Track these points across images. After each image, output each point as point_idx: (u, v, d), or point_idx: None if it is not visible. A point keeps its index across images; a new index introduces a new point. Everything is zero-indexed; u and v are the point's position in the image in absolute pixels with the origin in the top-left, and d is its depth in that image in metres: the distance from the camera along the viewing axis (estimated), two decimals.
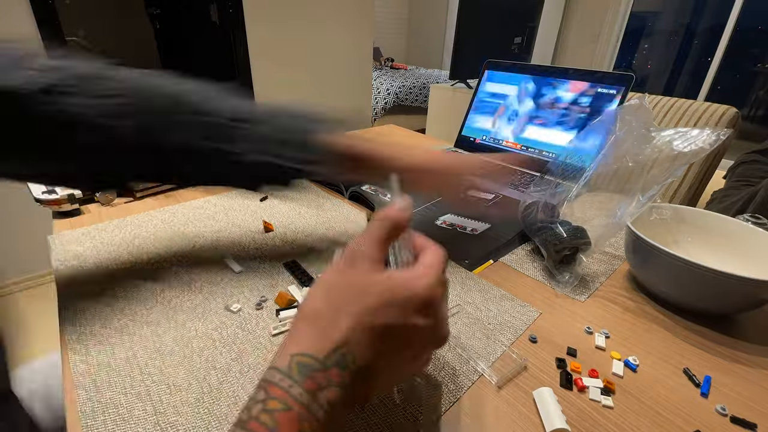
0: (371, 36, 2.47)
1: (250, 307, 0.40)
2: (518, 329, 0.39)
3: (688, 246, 0.47)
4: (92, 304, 0.39)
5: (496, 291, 0.44)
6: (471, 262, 0.49)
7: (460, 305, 0.41)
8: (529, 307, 0.42)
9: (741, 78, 3.19)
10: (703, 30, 3.34)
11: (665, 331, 0.39)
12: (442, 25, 4.95)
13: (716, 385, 0.33)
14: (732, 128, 0.88)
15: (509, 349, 0.36)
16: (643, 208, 0.43)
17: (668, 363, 0.35)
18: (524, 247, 0.53)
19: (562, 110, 0.80)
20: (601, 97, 0.75)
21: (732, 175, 0.90)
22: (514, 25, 2.69)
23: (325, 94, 2.37)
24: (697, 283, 0.38)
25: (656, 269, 0.42)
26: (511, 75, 0.89)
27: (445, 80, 3.08)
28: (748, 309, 0.40)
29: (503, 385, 0.32)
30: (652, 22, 3.64)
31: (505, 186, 0.67)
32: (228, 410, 0.29)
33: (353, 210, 0.62)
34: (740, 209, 0.77)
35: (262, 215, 0.59)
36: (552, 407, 0.29)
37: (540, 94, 0.83)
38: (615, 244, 0.55)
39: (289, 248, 0.51)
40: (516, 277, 0.47)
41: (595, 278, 0.47)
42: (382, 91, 3.40)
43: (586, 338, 0.38)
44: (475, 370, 0.34)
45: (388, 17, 5.13)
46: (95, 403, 0.29)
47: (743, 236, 0.45)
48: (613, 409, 0.31)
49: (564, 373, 0.33)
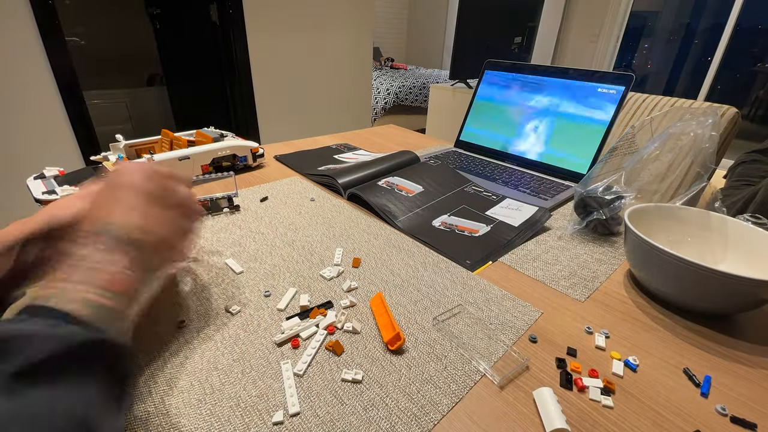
0: (371, 36, 2.47)
1: (250, 308, 0.40)
2: (520, 329, 0.39)
3: (688, 246, 0.48)
4: None
5: (497, 291, 0.44)
6: (472, 263, 0.49)
7: (462, 305, 0.41)
8: (530, 306, 0.42)
9: (741, 78, 3.19)
10: (703, 29, 3.34)
11: (665, 331, 0.39)
12: (442, 25, 4.95)
13: (716, 385, 0.33)
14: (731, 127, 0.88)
15: (511, 349, 0.36)
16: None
17: (668, 363, 0.35)
18: (524, 247, 0.53)
19: (561, 111, 0.80)
20: (601, 96, 0.75)
21: (732, 174, 0.90)
22: (514, 25, 2.69)
23: (325, 93, 2.37)
24: (697, 283, 0.38)
25: (656, 269, 0.42)
26: (511, 75, 0.89)
27: (445, 80, 3.08)
28: (748, 309, 0.40)
29: (505, 386, 0.32)
30: (652, 21, 3.64)
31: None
32: (230, 412, 0.29)
33: (353, 210, 0.62)
34: (740, 209, 0.77)
35: (262, 215, 0.59)
36: (552, 407, 0.29)
37: (539, 94, 0.84)
38: (615, 243, 0.55)
39: None
40: (516, 277, 0.47)
41: (595, 278, 0.47)
42: (382, 91, 3.40)
43: (586, 338, 0.38)
44: (477, 370, 0.34)
45: (388, 17, 5.13)
46: None
47: (743, 236, 0.45)
48: (613, 409, 0.31)
49: (564, 373, 0.33)
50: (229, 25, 1.93)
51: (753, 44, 3.06)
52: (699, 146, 0.51)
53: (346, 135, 1.08)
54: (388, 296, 0.42)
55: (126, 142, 0.69)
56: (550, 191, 0.71)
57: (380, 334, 0.37)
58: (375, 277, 0.46)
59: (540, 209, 0.61)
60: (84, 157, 1.65)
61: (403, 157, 0.77)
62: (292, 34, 2.09)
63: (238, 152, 0.74)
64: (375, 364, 0.34)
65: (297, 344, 0.35)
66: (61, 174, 0.62)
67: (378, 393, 0.31)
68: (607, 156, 0.59)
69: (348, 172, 0.70)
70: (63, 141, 1.60)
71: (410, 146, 0.97)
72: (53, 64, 1.49)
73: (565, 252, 0.53)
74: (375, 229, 0.57)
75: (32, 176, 0.60)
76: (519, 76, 0.88)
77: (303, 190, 0.69)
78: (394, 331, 0.36)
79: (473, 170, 0.80)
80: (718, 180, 0.91)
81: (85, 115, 1.63)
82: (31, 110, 1.50)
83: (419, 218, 0.59)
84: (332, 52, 2.30)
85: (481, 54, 2.34)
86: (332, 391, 0.31)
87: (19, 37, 1.41)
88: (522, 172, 0.79)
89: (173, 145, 0.74)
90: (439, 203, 0.63)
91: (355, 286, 0.44)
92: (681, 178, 0.70)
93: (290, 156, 0.86)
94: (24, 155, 1.52)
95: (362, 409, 0.30)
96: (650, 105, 1.01)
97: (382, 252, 0.51)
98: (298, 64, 2.18)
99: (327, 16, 2.19)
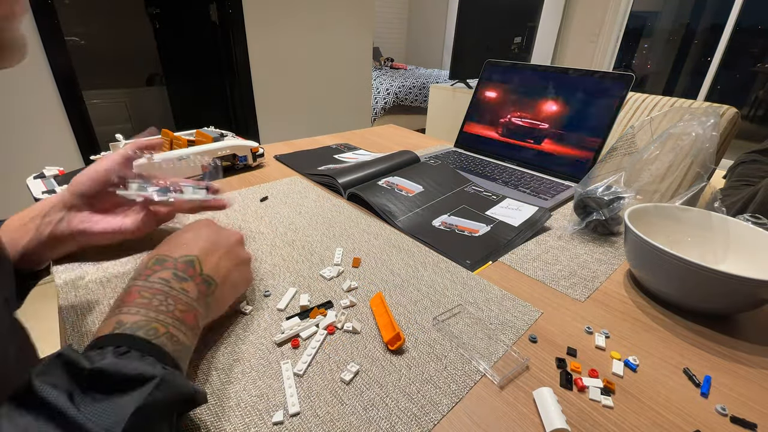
0: (371, 36, 2.47)
1: (250, 308, 0.40)
2: (520, 329, 0.39)
3: (688, 246, 0.48)
4: (93, 305, 0.39)
5: (497, 291, 0.44)
6: (472, 263, 0.49)
7: (462, 305, 0.41)
8: (531, 306, 0.42)
9: (741, 78, 3.19)
10: (703, 30, 3.34)
11: (665, 331, 0.39)
12: (442, 25, 4.95)
13: (716, 385, 0.33)
14: (731, 127, 0.88)
15: (511, 349, 0.36)
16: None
17: (668, 363, 0.35)
18: (524, 247, 0.53)
19: (561, 111, 0.80)
20: (601, 96, 0.75)
21: (732, 174, 0.90)
22: (514, 25, 2.69)
23: (325, 93, 2.37)
24: (697, 283, 0.38)
25: (656, 269, 0.42)
26: (510, 75, 0.89)
27: (445, 80, 3.08)
28: (748, 309, 0.40)
29: (505, 386, 0.32)
30: (652, 21, 3.64)
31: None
32: (230, 412, 0.29)
33: (353, 210, 0.62)
34: (740, 209, 0.77)
35: (262, 215, 0.59)
36: (552, 407, 0.29)
37: (539, 94, 0.84)
38: (615, 243, 0.55)
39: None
40: (516, 277, 0.47)
41: (595, 278, 0.47)
42: (381, 91, 3.40)
43: (586, 338, 0.38)
44: (477, 370, 0.34)
45: (388, 17, 5.13)
46: None
47: (743, 236, 0.45)
48: (613, 409, 0.31)
49: (564, 373, 0.33)
50: (228, 25, 1.93)
51: (753, 44, 3.06)
52: (699, 146, 0.51)
53: (346, 135, 1.08)
54: (388, 296, 0.42)
55: (126, 142, 0.69)
56: (550, 191, 0.71)
57: (380, 334, 0.37)
58: (375, 277, 0.46)
59: (540, 209, 0.61)
60: (83, 156, 1.65)
61: (403, 157, 0.77)
62: (292, 33, 2.09)
63: (238, 152, 0.74)
64: (375, 364, 0.34)
65: (297, 344, 0.35)
66: (61, 173, 0.62)
67: (378, 393, 0.31)
68: (606, 156, 0.59)
69: (348, 171, 0.70)
70: (63, 141, 1.60)
71: (410, 146, 0.97)
72: (53, 63, 1.49)
73: (565, 252, 0.53)
74: (375, 228, 0.57)
75: (32, 176, 0.60)
76: (519, 76, 0.88)
77: (303, 190, 0.69)
78: (394, 331, 0.36)
79: (473, 170, 0.80)
80: (718, 180, 0.91)
81: (85, 115, 1.63)
82: (30, 110, 1.49)
83: (419, 218, 0.59)
84: (332, 52, 2.30)
85: (481, 54, 2.34)
86: (332, 391, 0.31)
87: None
88: (522, 172, 0.79)
89: (173, 145, 0.74)
90: (439, 203, 0.63)
91: (355, 286, 0.44)
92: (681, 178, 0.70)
93: (290, 156, 0.86)
94: (24, 155, 1.52)
95: (362, 409, 0.30)
96: (650, 105, 1.01)
97: (382, 252, 0.51)
98: (298, 63, 2.18)
99: (327, 16, 2.19)
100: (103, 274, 0.44)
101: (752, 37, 3.02)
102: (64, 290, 0.41)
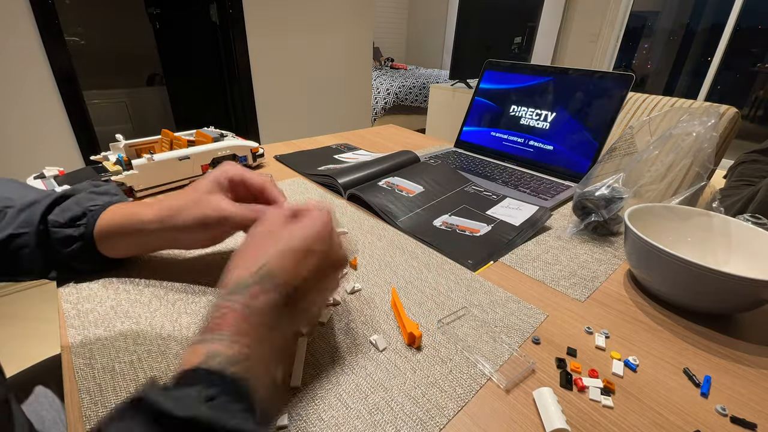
0: (371, 36, 2.47)
1: None
2: (525, 332, 0.38)
3: (688, 246, 0.48)
4: (94, 306, 0.39)
5: (501, 293, 0.44)
6: (474, 263, 0.49)
7: (466, 307, 0.41)
8: (536, 309, 0.42)
9: (741, 78, 3.19)
10: (703, 30, 3.34)
11: (665, 331, 0.39)
12: (442, 25, 4.95)
13: (716, 385, 0.33)
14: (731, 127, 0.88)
15: (517, 352, 0.36)
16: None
17: (668, 363, 0.35)
18: (524, 247, 0.53)
19: (561, 111, 0.80)
20: (601, 96, 0.75)
21: (732, 174, 0.90)
22: (514, 25, 2.70)
23: (325, 93, 2.37)
24: (697, 283, 0.38)
25: (656, 269, 0.42)
26: (510, 75, 0.89)
27: (445, 80, 3.08)
28: (748, 309, 0.40)
29: (511, 389, 0.32)
30: (652, 21, 3.64)
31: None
32: None
33: (354, 210, 0.62)
34: (740, 209, 0.77)
35: None
36: (552, 407, 0.29)
37: (539, 95, 0.84)
38: (615, 243, 0.55)
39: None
40: (516, 277, 0.47)
41: (595, 278, 0.47)
42: (381, 91, 3.40)
43: (586, 338, 0.38)
44: (483, 373, 0.33)
45: (388, 17, 5.13)
46: (99, 407, 0.29)
47: (743, 236, 0.45)
48: (613, 409, 0.31)
49: (564, 373, 0.33)
50: (228, 25, 1.93)
51: (753, 44, 3.06)
52: (699, 146, 0.51)
53: (346, 135, 1.08)
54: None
55: (126, 142, 0.69)
56: (550, 191, 0.71)
57: (400, 333, 0.37)
58: (379, 278, 0.46)
59: (540, 208, 0.61)
60: (84, 156, 1.65)
61: (403, 157, 0.77)
62: (292, 34, 2.09)
63: (238, 152, 0.74)
64: (379, 368, 0.34)
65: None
66: (61, 174, 0.62)
67: (383, 397, 0.31)
68: (606, 156, 0.59)
69: (348, 172, 0.70)
70: (63, 141, 1.60)
71: (410, 146, 0.97)
72: (53, 63, 1.48)
73: (565, 252, 0.53)
74: (378, 230, 0.57)
75: (32, 176, 0.60)
76: (519, 76, 0.88)
77: (303, 190, 0.69)
78: (408, 329, 0.36)
79: (473, 170, 0.80)
80: (718, 180, 0.91)
81: (85, 115, 1.63)
82: (30, 110, 1.49)
83: (420, 218, 0.59)
84: (332, 52, 2.30)
85: (481, 54, 2.34)
86: (337, 394, 0.31)
87: (19, 37, 1.40)
88: (522, 172, 0.79)
89: (173, 145, 0.74)
90: (439, 203, 0.63)
91: (359, 287, 0.44)
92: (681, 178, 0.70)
93: (290, 156, 0.86)
94: (24, 155, 1.52)
95: (367, 413, 0.30)
96: (650, 105, 1.01)
97: (385, 253, 0.51)
98: (298, 63, 2.18)
99: (327, 16, 2.19)
100: (105, 274, 0.44)
101: (752, 37, 3.03)
102: (65, 290, 0.41)
